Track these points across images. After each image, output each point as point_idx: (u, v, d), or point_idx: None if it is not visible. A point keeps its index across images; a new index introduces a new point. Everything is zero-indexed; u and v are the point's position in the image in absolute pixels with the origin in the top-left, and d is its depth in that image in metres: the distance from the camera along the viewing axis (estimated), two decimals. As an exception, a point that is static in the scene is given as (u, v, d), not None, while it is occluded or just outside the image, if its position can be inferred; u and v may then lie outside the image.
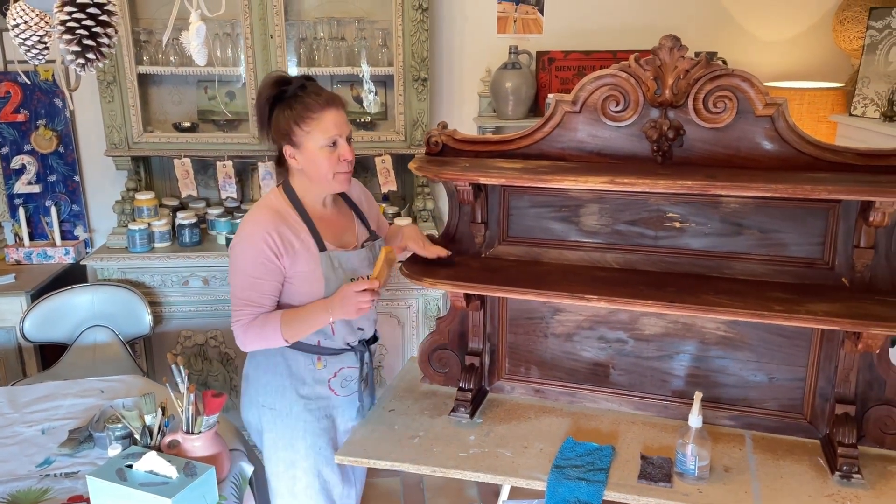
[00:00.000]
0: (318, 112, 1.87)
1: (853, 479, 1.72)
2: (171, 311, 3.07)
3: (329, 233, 1.99)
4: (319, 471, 2.08)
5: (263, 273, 1.90)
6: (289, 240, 1.91)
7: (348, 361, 2.06)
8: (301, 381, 2.03)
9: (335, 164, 1.91)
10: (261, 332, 1.91)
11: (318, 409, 2.06)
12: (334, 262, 1.95)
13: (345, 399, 2.10)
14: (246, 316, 1.92)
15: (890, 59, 2.87)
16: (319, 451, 2.07)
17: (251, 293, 1.91)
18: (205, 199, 3.38)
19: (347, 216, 2.10)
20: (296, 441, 2.05)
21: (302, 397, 2.03)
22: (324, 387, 2.05)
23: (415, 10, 3.02)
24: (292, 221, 1.94)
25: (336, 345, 2.03)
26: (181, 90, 3.31)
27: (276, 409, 2.04)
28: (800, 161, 1.76)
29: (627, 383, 2.06)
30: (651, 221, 1.94)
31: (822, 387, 1.87)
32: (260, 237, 1.88)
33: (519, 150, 1.98)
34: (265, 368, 2.05)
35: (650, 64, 1.81)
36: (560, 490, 1.75)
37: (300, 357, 2.02)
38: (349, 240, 2.05)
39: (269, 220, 1.91)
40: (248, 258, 1.90)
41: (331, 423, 2.09)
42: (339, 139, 1.91)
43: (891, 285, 1.77)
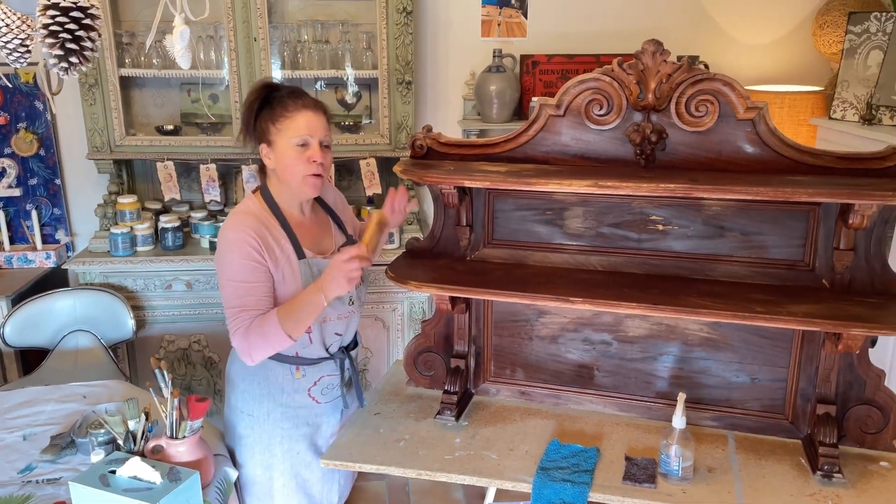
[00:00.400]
0: (293, 111, 1.89)
1: (834, 479, 1.74)
2: (154, 315, 3.05)
3: (308, 239, 1.99)
4: (297, 472, 2.09)
5: (253, 276, 1.88)
6: (270, 245, 1.90)
7: (328, 370, 2.06)
8: (280, 389, 2.02)
9: (304, 164, 1.89)
10: (262, 333, 1.85)
11: (297, 416, 2.06)
12: (314, 270, 1.94)
13: (328, 406, 2.10)
14: (244, 322, 1.87)
15: (868, 64, 2.91)
16: (297, 454, 2.08)
17: (245, 299, 1.87)
18: (188, 202, 3.36)
19: (324, 222, 2.09)
20: (273, 446, 2.06)
21: (281, 405, 2.03)
22: (304, 395, 2.04)
23: (399, 14, 3.02)
24: (272, 228, 1.93)
25: (314, 353, 2.02)
26: (164, 93, 3.29)
27: (255, 416, 2.04)
28: (781, 164, 1.78)
29: (612, 385, 2.07)
30: (634, 224, 1.96)
31: (803, 387, 1.89)
32: (243, 241, 1.87)
33: (503, 154, 1.99)
34: (243, 376, 2.04)
35: (633, 68, 1.82)
36: (545, 492, 1.75)
37: (278, 367, 2.00)
38: (327, 246, 2.05)
39: (249, 223, 1.90)
40: (236, 264, 1.88)
41: (313, 429, 2.09)
42: (311, 140, 1.89)
43: (870, 286, 1.79)
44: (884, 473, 1.78)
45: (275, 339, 1.86)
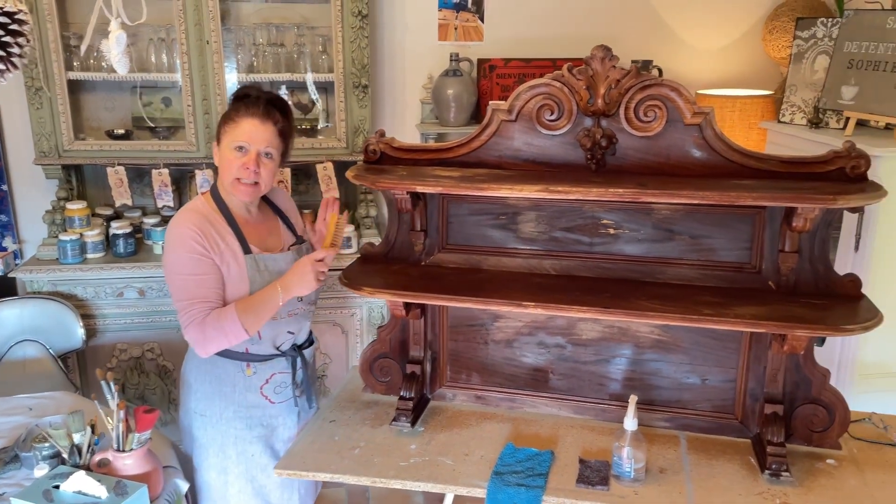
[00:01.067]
0: (241, 117, 1.93)
1: (782, 477, 1.77)
2: (105, 323, 2.98)
3: (254, 236, 2.01)
4: (253, 476, 2.08)
5: (201, 269, 1.90)
6: (214, 239, 1.92)
7: (279, 367, 2.06)
8: (231, 387, 2.03)
9: (236, 168, 1.92)
10: (218, 326, 1.87)
11: (250, 416, 2.05)
12: (260, 265, 1.97)
13: (283, 406, 2.10)
14: (198, 314, 1.88)
15: (815, 68, 2.98)
16: (252, 457, 2.07)
17: (196, 290, 1.89)
18: (140, 207, 3.29)
19: (273, 221, 2.12)
20: (227, 447, 2.06)
21: (233, 404, 2.03)
22: (256, 394, 2.04)
23: (354, 17, 3.00)
24: (217, 224, 1.96)
25: (265, 350, 2.03)
26: (114, 96, 3.22)
27: (207, 416, 2.05)
28: (727, 168, 1.81)
29: (566, 388, 2.08)
30: (586, 228, 1.97)
31: (752, 387, 1.93)
32: (187, 236, 1.90)
33: (457, 159, 1.99)
34: (196, 375, 2.05)
35: (582, 73, 1.84)
36: (500, 497, 1.75)
37: (228, 364, 2.01)
38: (274, 244, 2.07)
39: (191, 218, 1.93)
40: (183, 259, 1.90)
41: (268, 431, 2.09)
42: (249, 148, 1.92)
43: (814, 288, 1.83)
44: (830, 471, 1.82)
45: (232, 333, 1.89)
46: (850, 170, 1.74)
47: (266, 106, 1.94)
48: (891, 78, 2.62)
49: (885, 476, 1.81)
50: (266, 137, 1.93)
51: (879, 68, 2.67)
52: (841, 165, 1.75)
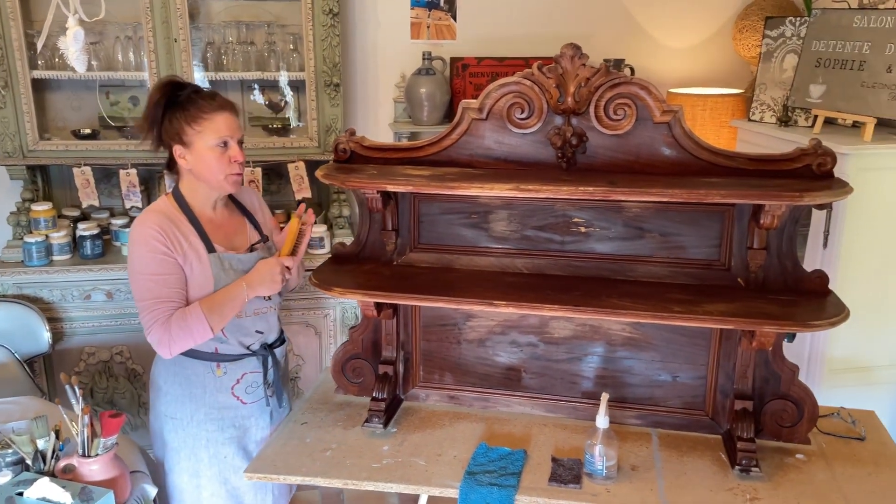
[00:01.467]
0: (211, 113, 1.91)
1: (752, 473, 1.78)
2: (72, 326, 2.93)
3: (219, 235, 2.00)
4: (226, 478, 2.07)
5: (164, 269, 1.89)
6: (177, 239, 1.92)
7: (250, 366, 2.05)
8: (202, 389, 2.01)
9: (226, 165, 1.93)
10: (183, 325, 1.86)
11: (222, 418, 2.04)
12: (224, 264, 1.96)
13: (255, 407, 2.08)
14: (162, 313, 1.87)
15: (784, 67, 3.01)
16: (225, 459, 2.06)
17: (159, 290, 1.88)
18: (108, 208, 3.24)
19: (238, 220, 2.10)
20: (199, 450, 2.04)
21: (204, 405, 2.02)
22: (227, 395, 2.03)
23: (325, 15, 2.98)
24: (180, 224, 1.95)
25: (234, 350, 2.01)
26: (81, 95, 3.17)
27: (178, 419, 2.02)
28: (696, 166, 1.82)
29: (539, 386, 2.08)
30: (558, 227, 1.97)
31: (722, 384, 1.94)
32: (149, 236, 1.89)
33: (427, 157, 1.98)
34: (165, 377, 2.03)
35: (552, 72, 1.83)
36: (472, 497, 1.75)
37: (198, 365, 2.00)
38: (240, 243, 2.06)
39: (154, 220, 1.92)
40: (145, 259, 1.89)
41: (241, 432, 2.08)
42: (231, 141, 1.93)
43: (782, 284, 1.85)
44: (799, 466, 1.84)
45: (197, 332, 1.88)
46: (817, 167, 1.76)
47: (223, 97, 1.97)
48: (857, 76, 2.65)
49: (854, 470, 1.83)
50: (237, 125, 1.97)
51: (846, 67, 2.71)
52: (808, 163, 1.77)
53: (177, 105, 1.92)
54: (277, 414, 2.15)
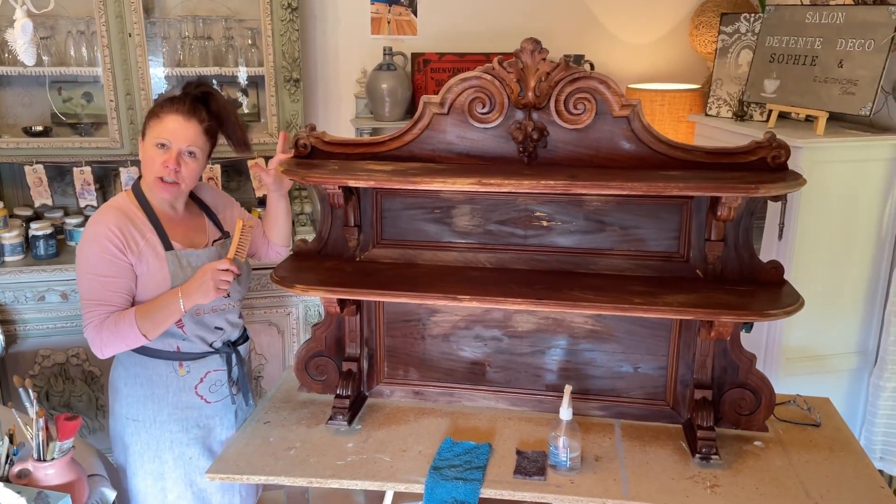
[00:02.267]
0: (165, 113, 1.89)
1: (712, 460, 1.82)
2: (26, 329, 2.85)
3: (178, 233, 1.97)
4: (192, 480, 2.03)
5: (111, 271, 1.86)
6: (133, 238, 1.89)
7: (214, 364, 2.01)
8: (164, 389, 1.97)
9: (157, 166, 1.89)
10: (115, 329, 1.85)
11: (186, 418, 2.00)
12: (182, 262, 1.93)
13: (219, 406, 2.05)
14: (97, 317, 1.86)
15: (739, 63, 3.07)
16: (190, 460, 2.02)
17: (101, 292, 1.86)
18: (62, 207, 3.16)
19: (198, 217, 2.07)
20: (162, 452, 2.00)
21: (168, 405, 1.98)
22: (191, 395, 1.99)
23: (284, 10, 2.94)
24: (137, 221, 1.92)
25: (197, 348, 1.98)
26: (32, 91, 3.08)
27: (140, 421, 1.98)
28: (655, 160, 1.84)
29: (504, 380, 2.09)
30: (520, 221, 1.98)
31: (682, 374, 1.97)
32: (102, 235, 1.86)
33: (389, 153, 1.97)
34: (125, 379, 1.99)
35: (513, 66, 1.84)
36: (438, 491, 1.75)
37: (160, 365, 1.96)
38: (200, 240, 2.02)
39: (111, 218, 1.89)
40: (94, 257, 1.86)
41: (205, 432, 2.04)
42: (171, 145, 1.88)
43: (739, 275, 1.88)
44: (757, 453, 1.88)
45: (129, 338, 1.86)
46: (772, 160, 1.80)
47: (192, 103, 1.91)
48: (810, 71, 2.72)
49: (809, 456, 1.87)
50: (189, 136, 1.89)
51: (799, 62, 2.77)
52: (762, 155, 1.80)
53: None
54: (243, 413, 2.12)
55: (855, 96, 2.54)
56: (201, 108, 1.92)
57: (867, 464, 1.85)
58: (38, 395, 1.73)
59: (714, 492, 1.73)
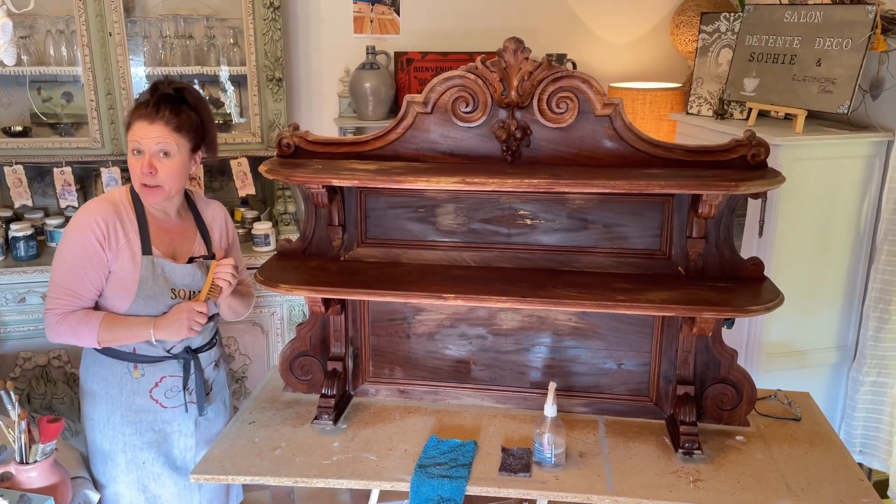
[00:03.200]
0: (133, 119, 1.89)
1: (695, 455, 1.84)
2: (6, 331, 2.82)
3: (163, 240, 1.96)
4: (145, 486, 2.00)
5: (87, 263, 1.87)
6: (116, 234, 1.89)
7: (170, 370, 1.97)
8: (118, 390, 1.95)
9: (137, 172, 1.89)
10: (76, 328, 1.87)
11: (139, 421, 1.97)
12: (156, 269, 1.91)
13: (176, 412, 2.00)
14: (63, 306, 1.87)
15: (720, 61, 3.10)
16: (143, 465, 1.99)
17: (72, 282, 1.87)
18: (42, 208, 3.13)
19: (190, 233, 2.03)
20: (115, 454, 1.98)
21: (120, 407, 1.95)
22: (145, 398, 1.96)
23: (266, 9, 2.93)
24: (125, 219, 1.92)
25: (154, 352, 1.94)
26: (11, 91, 3.05)
27: (94, 420, 1.98)
28: (637, 158, 1.86)
29: (489, 378, 2.10)
30: (504, 219, 1.99)
31: (665, 370, 1.99)
32: (88, 225, 1.87)
33: (373, 152, 1.97)
34: (85, 376, 2.00)
35: (496, 66, 1.85)
36: (423, 489, 1.75)
37: (115, 365, 1.94)
38: (183, 252, 2.00)
39: (101, 209, 1.90)
40: (76, 245, 1.87)
41: (161, 437, 2.00)
42: (145, 150, 1.87)
43: (721, 272, 1.91)
44: (739, 447, 1.90)
45: (85, 340, 1.89)
46: (751, 157, 1.82)
47: (156, 104, 1.87)
48: (789, 70, 2.75)
49: (790, 449, 1.90)
50: (154, 136, 1.85)
51: (778, 61, 2.80)
52: (742, 153, 1.82)
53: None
54: (205, 423, 2.06)
55: (833, 94, 2.58)
56: (166, 107, 1.86)
57: (847, 457, 1.88)
58: (19, 397, 1.71)
59: (697, 486, 1.75)
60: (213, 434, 2.08)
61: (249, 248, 3.03)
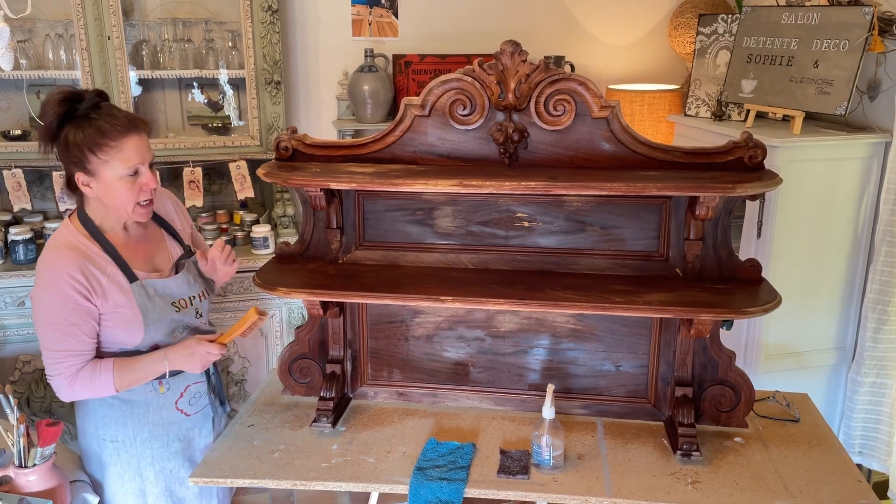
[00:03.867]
0: (117, 139, 1.72)
1: (693, 457, 1.84)
2: (5, 334, 2.83)
3: (138, 258, 1.88)
4: (172, 491, 2.02)
5: (76, 318, 1.76)
6: (95, 278, 1.77)
7: (193, 378, 1.98)
8: (145, 409, 1.93)
9: (136, 193, 1.79)
10: (90, 385, 1.79)
11: (167, 433, 1.97)
12: (149, 291, 1.85)
13: (199, 417, 2.04)
14: (68, 368, 1.78)
15: (717, 63, 3.11)
16: (171, 473, 2.00)
17: (68, 342, 1.76)
18: (41, 212, 3.13)
19: (157, 236, 1.97)
20: (144, 469, 1.97)
21: (148, 424, 1.94)
22: (171, 411, 1.96)
23: (264, 12, 2.94)
24: (94, 257, 1.79)
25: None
26: (10, 95, 3.06)
27: (119, 441, 1.93)
28: (634, 160, 1.86)
29: (487, 380, 2.10)
30: (502, 222, 1.99)
31: (663, 371, 1.99)
32: (64, 282, 1.73)
33: (371, 154, 1.98)
34: (101, 401, 1.90)
35: (493, 68, 1.85)
36: (422, 492, 1.75)
37: (140, 387, 1.90)
38: (162, 262, 1.95)
39: (68, 260, 1.75)
40: (55, 307, 1.75)
41: (185, 444, 2.02)
42: (142, 167, 1.78)
43: (718, 273, 1.91)
44: (738, 449, 1.90)
45: (100, 391, 1.82)
46: (748, 159, 1.82)
47: (127, 114, 1.79)
48: (786, 71, 2.75)
49: (788, 451, 1.90)
50: (148, 146, 1.81)
51: (776, 62, 2.81)
52: (740, 155, 1.83)
53: (74, 123, 1.72)
54: (219, 418, 2.11)
55: (830, 96, 2.58)
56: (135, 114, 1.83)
57: (845, 458, 1.88)
58: (18, 401, 1.72)
59: (695, 488, 1.75)
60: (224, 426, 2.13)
61: (248, 251, 3.03)
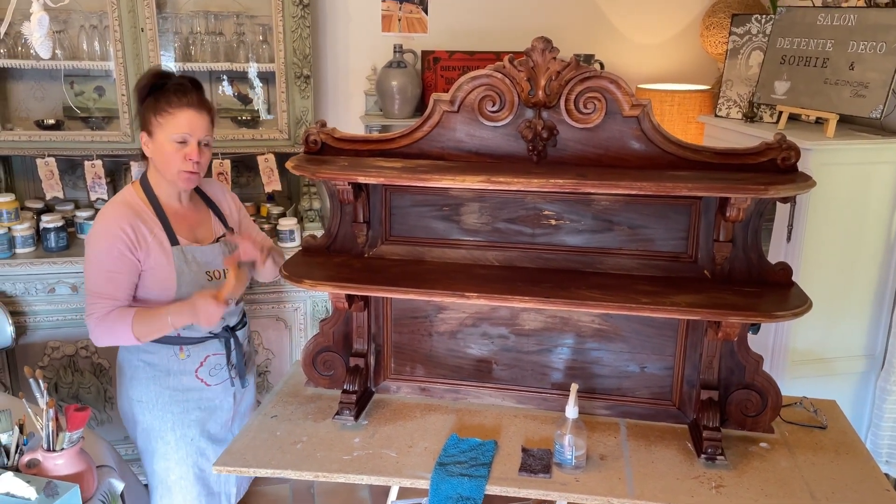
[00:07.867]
0: (176, 109, 1.95)
1: (717, 461, 1.82)
2: (36, 320, 2.87)
3: (183, 227, 2.06)
4: (194, 460, 2.13)
5: (119, 267, 1.95)
6: (142, 234, 1.97)
7: (213, 349, 2.10)
8: (166, 372, 2.06)
9: (180, 161, 1.97)
10: (112, 328, 1.94)
11: (187, 400, 2.09)
12: (187, 256, 2.01)
13: (219, 389, 2.14)
14: (100, 310, 1.95)
15: (750, 64, 3.06)
16: (191, 441, 2.12)
17: (106, 286, 1.95)
18: (73, 200, 3.18)
19: (203, 212, 2.16)
20: (165, 433, 2.10)
21: (168, 388, 2.07)
22: (191, 377, 2.08)
23: (295, 6, 2.95)
24: (146, 216, 2.00)
25: (196, 333, 2.06)
26: (44, 85, 3.10)
27: (144, 402, 2.08)
28: (664, 160, 1.84)
29: (510, 378, 2.09)
30: (528, 219, 1.98)
31: (688, 374, 1.97)
32: (114, 232, 1.94)
33: (399, 150, 1.98)
34: (129, 360, 2.09)
35: (523, 65, 1.84)
36: (443, 487, 1.76)
37: (161, 349, 2.04)
38: (204, 235, 2.11)
39: (122, 214, 1.97)
40: (103, 252, 1.94)
41: (206, 414, 2.13)
42: (191, 139, 1.97)
43: (747, 276, 1.88)
44: (763, 454, 1.88)
45: (123, 338, 1.96)
46: (781, 161, 1.79)
47: (199, 96, 1.99)
48: (821, 73, 2.71)
49: (815, 458, 1.87)
50: (204, 126, 1.99)
51: (810, 64, 2.76)
52: (772, 157, 1.80)
53: (154, 96, 1.96)
54: (240, 395, 2.21)
55: (866, 99, 2.54)
56: (205, 99, 2.01)
57: (873, 467, 1.85)
58: (47, 386, 1.74)
59: (719, 492, 1.73)
60: (247, 406, 2.26)
61: (274, 244, 3.05)
